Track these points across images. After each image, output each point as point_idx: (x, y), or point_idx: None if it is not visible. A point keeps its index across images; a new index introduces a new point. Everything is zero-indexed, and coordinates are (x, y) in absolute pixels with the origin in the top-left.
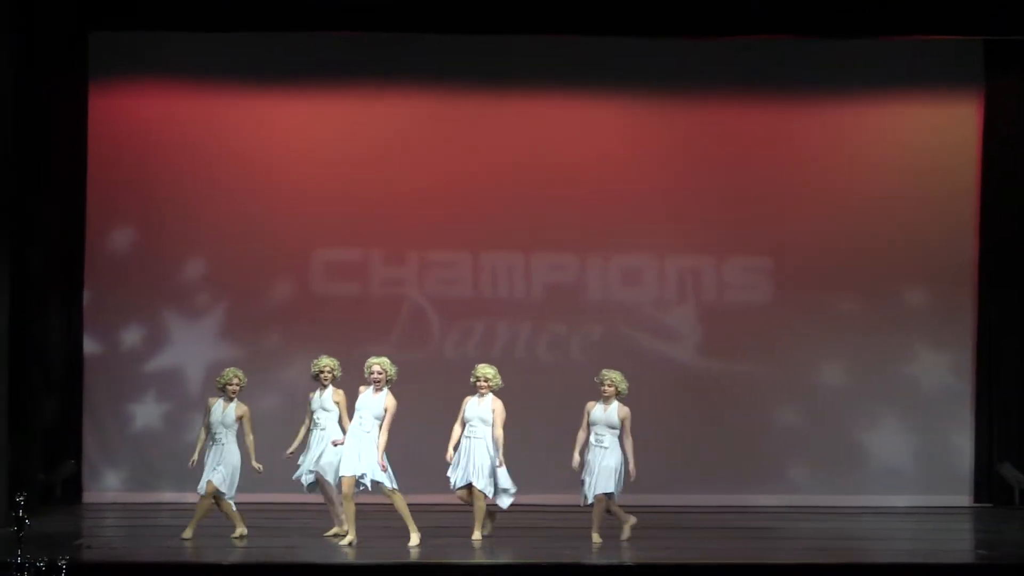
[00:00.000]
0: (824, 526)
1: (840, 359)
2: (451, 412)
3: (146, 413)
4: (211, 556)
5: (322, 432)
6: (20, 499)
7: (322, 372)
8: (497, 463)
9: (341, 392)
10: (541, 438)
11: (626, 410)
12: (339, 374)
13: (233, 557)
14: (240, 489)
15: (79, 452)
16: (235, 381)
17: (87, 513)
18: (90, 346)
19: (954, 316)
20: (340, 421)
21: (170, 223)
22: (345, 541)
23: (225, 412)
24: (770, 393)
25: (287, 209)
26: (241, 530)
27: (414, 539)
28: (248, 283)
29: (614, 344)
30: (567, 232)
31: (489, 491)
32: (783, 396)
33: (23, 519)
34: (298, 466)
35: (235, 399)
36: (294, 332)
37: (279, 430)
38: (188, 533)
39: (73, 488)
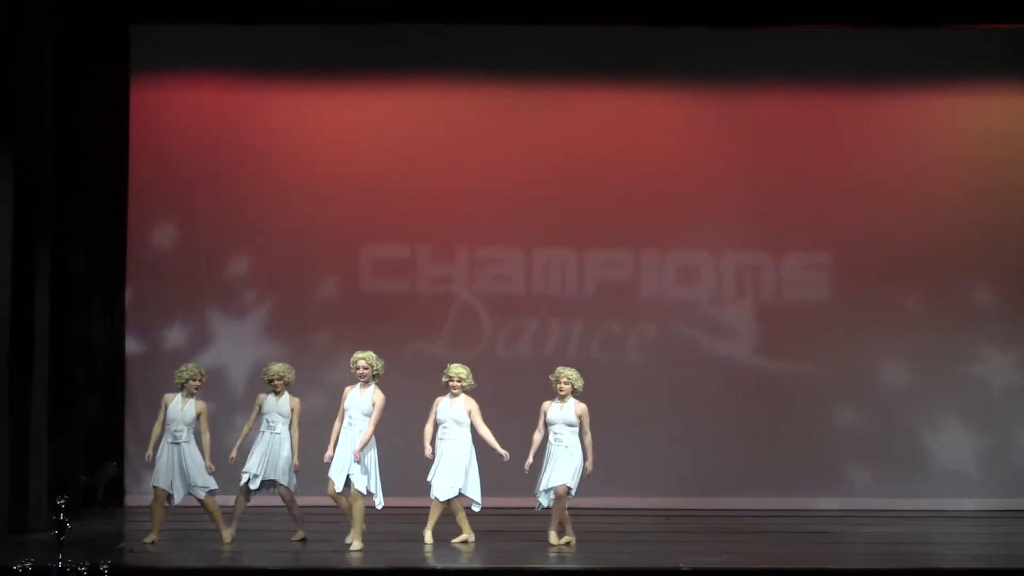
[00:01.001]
0: (886, 530)
1: (902, 358)
2: (502, 413)
3: None
4: (257, 561)
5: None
6: (61, 502)
7: (272, 380)
8: (469, 464)
9: (297, 399)
10: (594, 440)
11: (583, 407)
12: (292, 380)
13: (279, 562)
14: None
15: (121, 454)
16: (198, 378)
17: (129, 516)
18: (132, 345)
19: (1021, 314)
20: (291, 428)
21: (213, 219)
22: (351, 541)
23: (184, 409)
24: (830, 393)
25: (334, 204)
26: (229, 532)
27: (356, 544)
28: (294, 280)
29: (669, 343)
30: (621, 227)
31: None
32: (843, 396)
33: (64, 522)
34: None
35: (194, 396)
36: (341, 331)
37: (327, 430)
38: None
39: (115, 491)
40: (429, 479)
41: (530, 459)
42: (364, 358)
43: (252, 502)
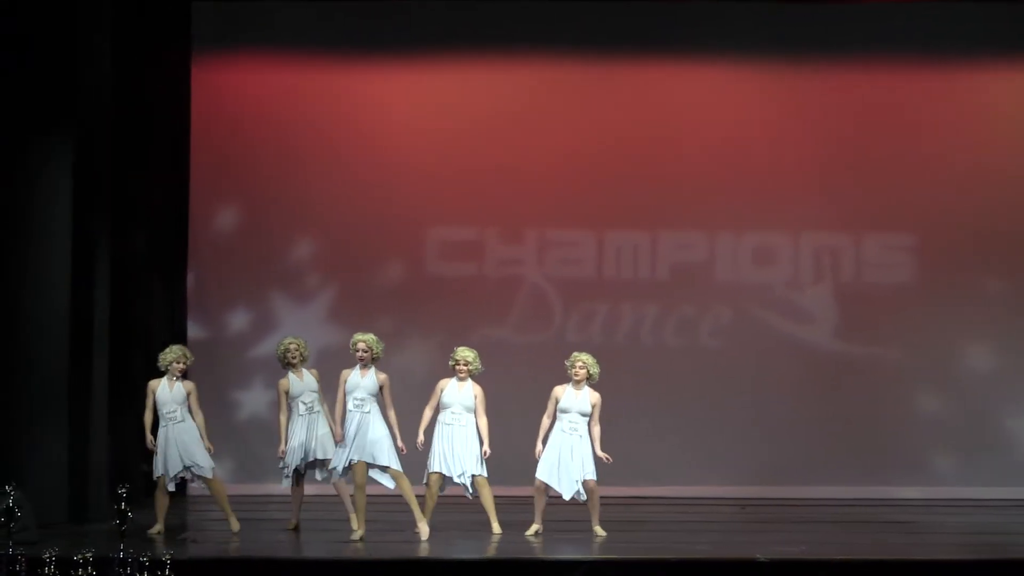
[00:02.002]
0: (971, 520)
1: (987, 342)
2: None
3: (253, 401)
4: (321, 552)
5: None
6: (123, 491)
7: (358, 351)
8: (483, 453)
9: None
10: (668, 427)
11: (597, 396)
12: (307, 354)
13: (347, 553)
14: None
15: None
16: (182, 360)
17: (192, 506)
18: (194, 331)
19: None
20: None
21: (277, 201)
22: (356, 536)
23: (173, 392)
24: (912, 378)
25: (400, 185)
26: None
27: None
28: (359, 264)
29: (745, 327)
30: (695, 209)
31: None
32: (926, 381)
33: (126, 512)
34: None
35: (179, 378)
36: (407, 315)
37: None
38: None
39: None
40: (439, 468)
41: (540, 447)
42: (364, 340)
43: (320, 490)
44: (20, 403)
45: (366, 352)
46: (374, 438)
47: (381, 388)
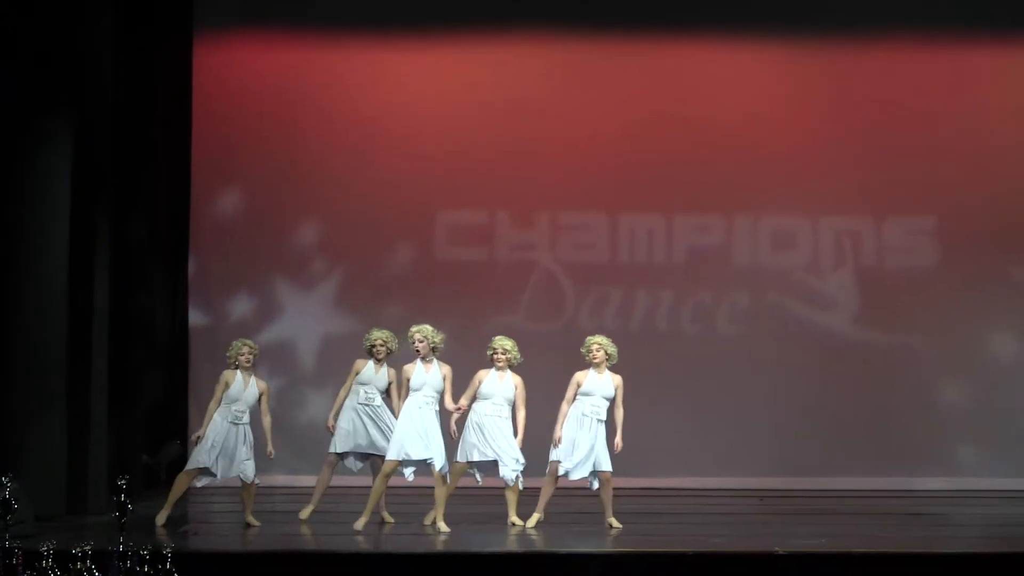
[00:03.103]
0: (994, 512)
1: (1012, 330)
2: None
3: None
4: (328, 545)
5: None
6: (122, 483)
7: (374, 346)
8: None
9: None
10: (685, 416)
11: (620, 379)
12: (395, 348)
13: (352, 546)
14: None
15: (184, 432)
16: (249, 351)
17: (194, 498)
18: (196, 318)
19: None
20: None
21: (281, 185)
22: (359, 525)
23: (247, 390)
24: (934, 367)
25: (408, 168)
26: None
27: (443, 526)
28: (365, 249)
29: (763, 313)
30: (712, 191)
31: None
32: (949, 370)
33: (125, 504)
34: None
35: (254, 375)
36: (416, 301)
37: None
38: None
39: (178, 471)
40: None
41: (559, 432)
42: (420, 331)
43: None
44: (18, 393)
45: (423, 342)
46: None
47: (444, 378)
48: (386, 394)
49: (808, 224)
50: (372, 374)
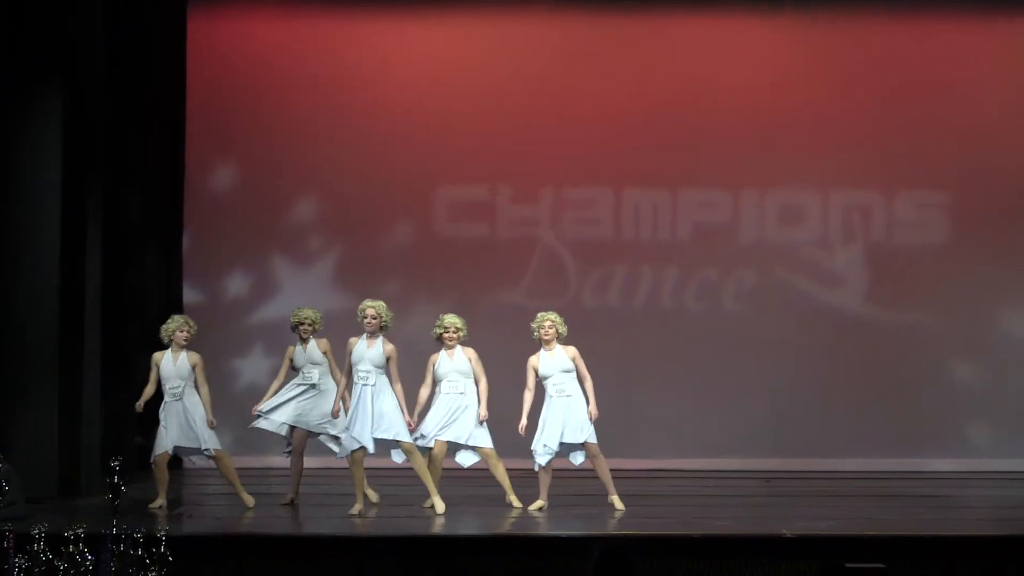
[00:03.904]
0: (1006, 493)
1: None
2: (590, 367)
3: (252, 369)
4: (323, 528)
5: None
6: (115, 464)
7: (302, 324)
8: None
9: (325, 341)
10: (689, 396)
11: (573, 349)
12: (320, 327)
13: (347, 529)
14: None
15: None
16: (185, 329)
17: (188, 480)
18: (190, 296)
19: None
20: (332, 373)
21: (278, 159)
22: (355, 510)
23: (177, 365)
24: (946, 345)
25: (407, 142)
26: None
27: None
28: (364, 225)
29: (771, 290)
30: (719, 165)
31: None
32: (961, 348)
33: (119, 486)
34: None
35: (184, 349)
36: (415, 279)
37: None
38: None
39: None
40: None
41: (524, 421)
42: (374, 307)
43: (320, 463)
44: (9, 374)
45: (374, 319)
46: (381, 412)
47: (388, 360)
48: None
49: (817, 199)
50: (365, 350)
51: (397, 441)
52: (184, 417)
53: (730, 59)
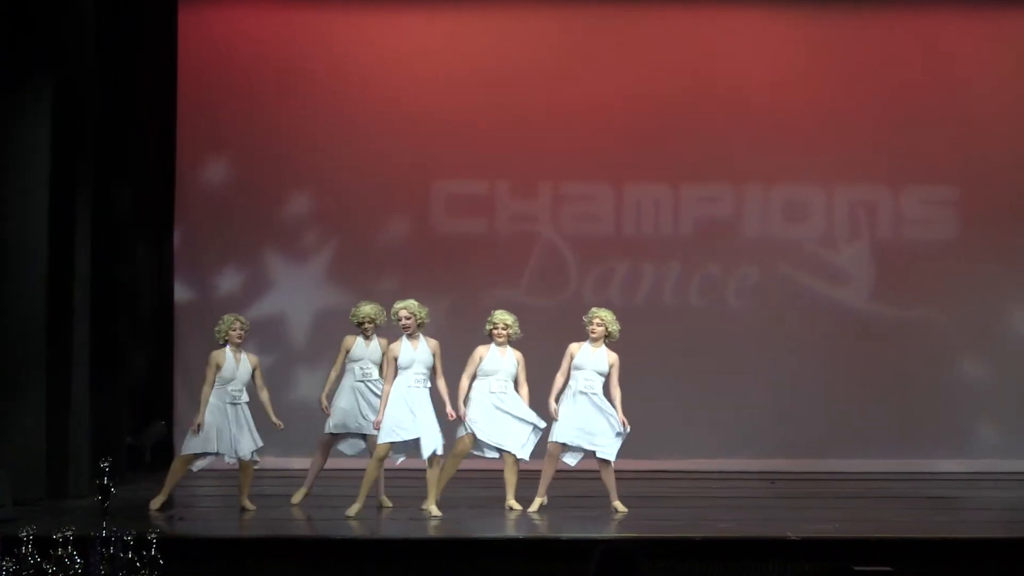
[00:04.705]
0: (1017, 495)
1: None
2: None
3: None
4: (321, 530)
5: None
6: (105, 465)
7: (362, 323)
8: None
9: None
10: (691, 395)
11: (615, 356)
12: (383, 321)
13: (345, 532)
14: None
15: (170, 412)
16: (240, 327)
17: (180, 481)
18: (182, 292)
19: None
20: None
21: (271, 153)
22: (352, 511)
23: (240, 367)
24: (954, 343)
25: (404, 136)
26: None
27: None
28: (359, 220)
29: (774, 287)
30: (721, 160)
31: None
32: (969, 347)
33: (108, 488)
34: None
35: (243, 351)
36: (412, 275)
37: None
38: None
39: (164, 453)
40: (492, 440)
41: (553, 403)
42: (405, 307)
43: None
44: None
45: (409, 319)
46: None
47: (434, 356)
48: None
49: (822, 194)
50: (364, 349)
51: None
52: (234, 423)
53: (733, 52)
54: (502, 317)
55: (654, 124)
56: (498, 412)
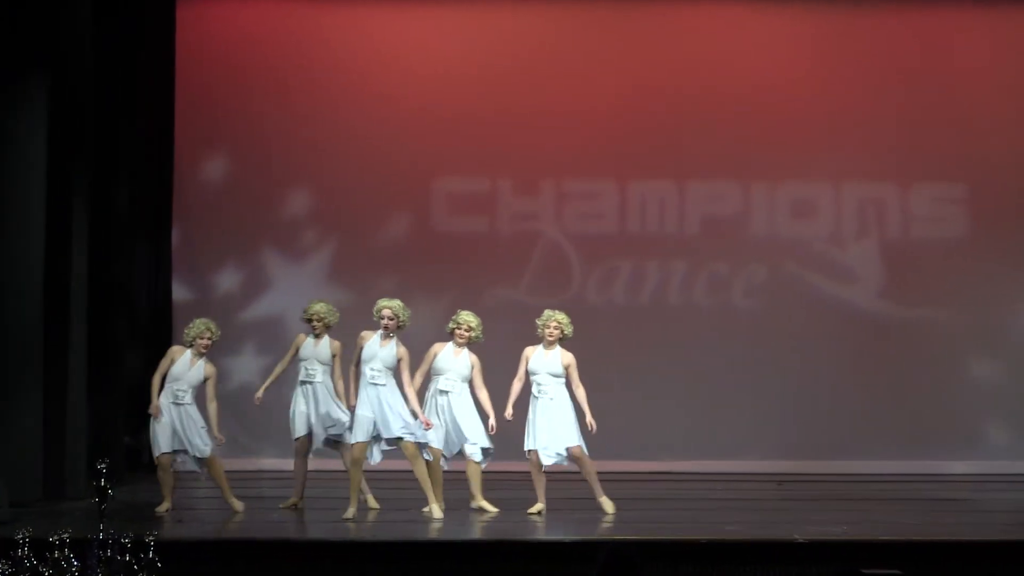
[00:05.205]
0: None
1: None
2: (595, 366)
3: (244, 368)
4: (317, 533)
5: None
6: (102, 466)
7: (312, 320)
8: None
9: (337, 343)
10: (697, 396)
11: (570, 356)
12: (333, 321)
13: (343, 534)
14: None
15: None
16: (207, 336)
17: (178, 482)
18: (180, 292)
19: None
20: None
21: (270, 151)
22: (348, 514)
23: (192, 371)
24: (964, 343)
25: (404, 133)
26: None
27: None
28: (359, 219)
29: (782, 286)
30: (728, 157)
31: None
32: (979, 346)
33: (106, 489)
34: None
35: (203, 357)
36: (412, 274)
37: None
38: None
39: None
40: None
41: (509, 409)
42: (390, 307)
43: (319, 467)
44: None
45: (391, 320)
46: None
47: (399, 361)
48: (331, 368)
49: (830, 192)
50: (311, 349)
51: (397, 441)
52: (180, 423)
53: (740, 48)
54: (466, 318)
55: (659, 120)
56: (442, 415)
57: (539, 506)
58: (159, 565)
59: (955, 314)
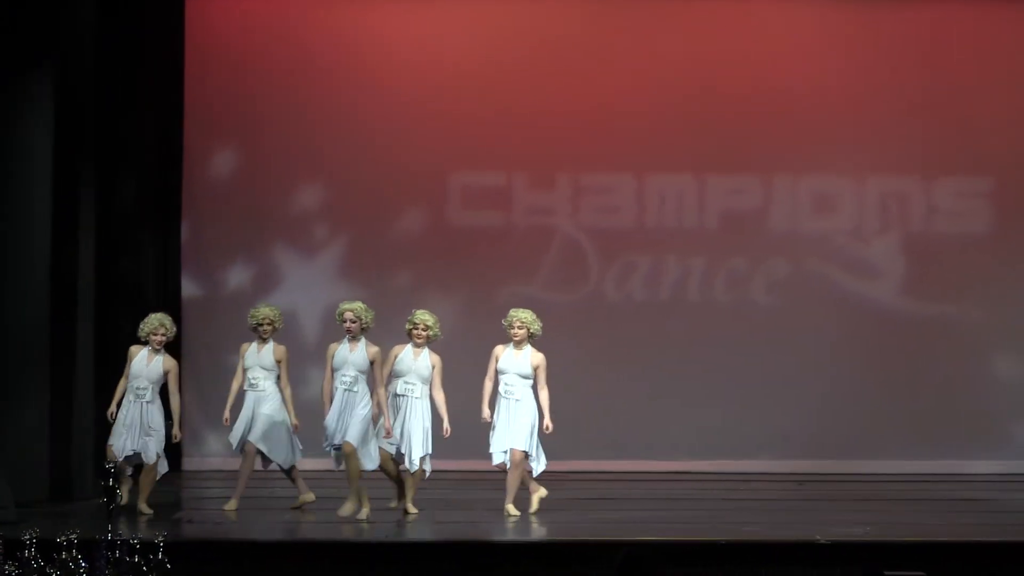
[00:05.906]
0: None
1: None
2: (612, 363)
3: None
4: (326, 534)
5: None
6: (110, 467)
7: (261, 324)
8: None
9: (283, 348)
10: (717, 394)
11: (540, 356)
12: (280, 326)
13: (348, 535)
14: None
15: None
16: (162, 332)
17: (187, 482)
18: (189, 288)
19: None
20: (279, 382)
21: (281, 144)
22: (363, 515)
23: (149, 367)
24: (988, 340)
25: (418, 126)
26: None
27: (347, 508)
28: (372, 213)
29: (803, 282)
30: (748, 150)
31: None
32: (1003, 343)
33: (113, 490)
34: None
35: (159, 352)
36: (427, 270)
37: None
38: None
39: (171, 454)
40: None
41: (485, 410)
42: (351, 309)
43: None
44: None
45: (353, 323)
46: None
47: (372, 363)
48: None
49: (851, 186)
50: (254, 356)
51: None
52: (138, 423)
53: (761, 40)
54: (423, 317)
55: (678, 113)
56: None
57: (535, 505)
58: (168, 566)
59: (979, 310)
